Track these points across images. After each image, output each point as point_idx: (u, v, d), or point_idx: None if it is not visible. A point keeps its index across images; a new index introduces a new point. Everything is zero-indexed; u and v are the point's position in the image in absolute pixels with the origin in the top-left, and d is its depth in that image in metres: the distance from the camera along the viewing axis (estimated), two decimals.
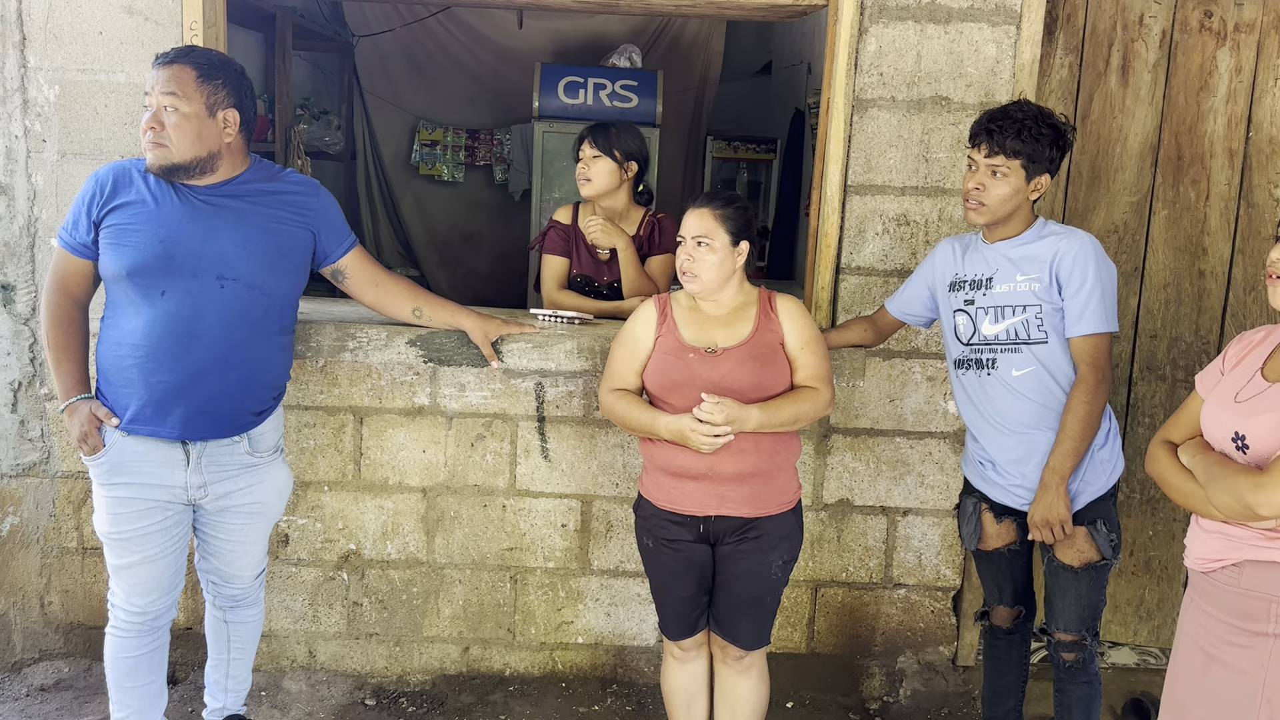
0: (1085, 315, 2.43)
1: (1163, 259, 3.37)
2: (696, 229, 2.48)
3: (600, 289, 3.34)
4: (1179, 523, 3.48)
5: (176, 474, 2.48)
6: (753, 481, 2.47)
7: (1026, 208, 2.51)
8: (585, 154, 3.20)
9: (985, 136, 2.46)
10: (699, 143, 6.61)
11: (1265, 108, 3.29)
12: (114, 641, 2.60)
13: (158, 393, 2.41)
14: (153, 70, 2.39)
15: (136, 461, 2.46)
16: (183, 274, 2.39)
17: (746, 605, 2.55)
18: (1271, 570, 1.85)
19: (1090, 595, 2.55)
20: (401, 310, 2.80)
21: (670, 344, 2.51)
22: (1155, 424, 3.45)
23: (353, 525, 3.22)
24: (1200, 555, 1.98)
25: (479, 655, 3.32)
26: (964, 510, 2.74)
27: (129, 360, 2.41)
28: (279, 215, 2.52)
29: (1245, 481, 1.81)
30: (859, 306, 3.18)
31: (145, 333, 2.39)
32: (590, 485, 3.22)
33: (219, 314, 2.43)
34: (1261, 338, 2.03)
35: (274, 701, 3.16)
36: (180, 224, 2.40)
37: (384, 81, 6.69)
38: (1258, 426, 1.86)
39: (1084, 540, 2.51)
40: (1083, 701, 2.62)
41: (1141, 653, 3.57)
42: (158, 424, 2.43)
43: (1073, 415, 2.44)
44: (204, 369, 2.43)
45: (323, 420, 3.15)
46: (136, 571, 2.52)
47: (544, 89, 5.56)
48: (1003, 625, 2.78)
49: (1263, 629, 1.86)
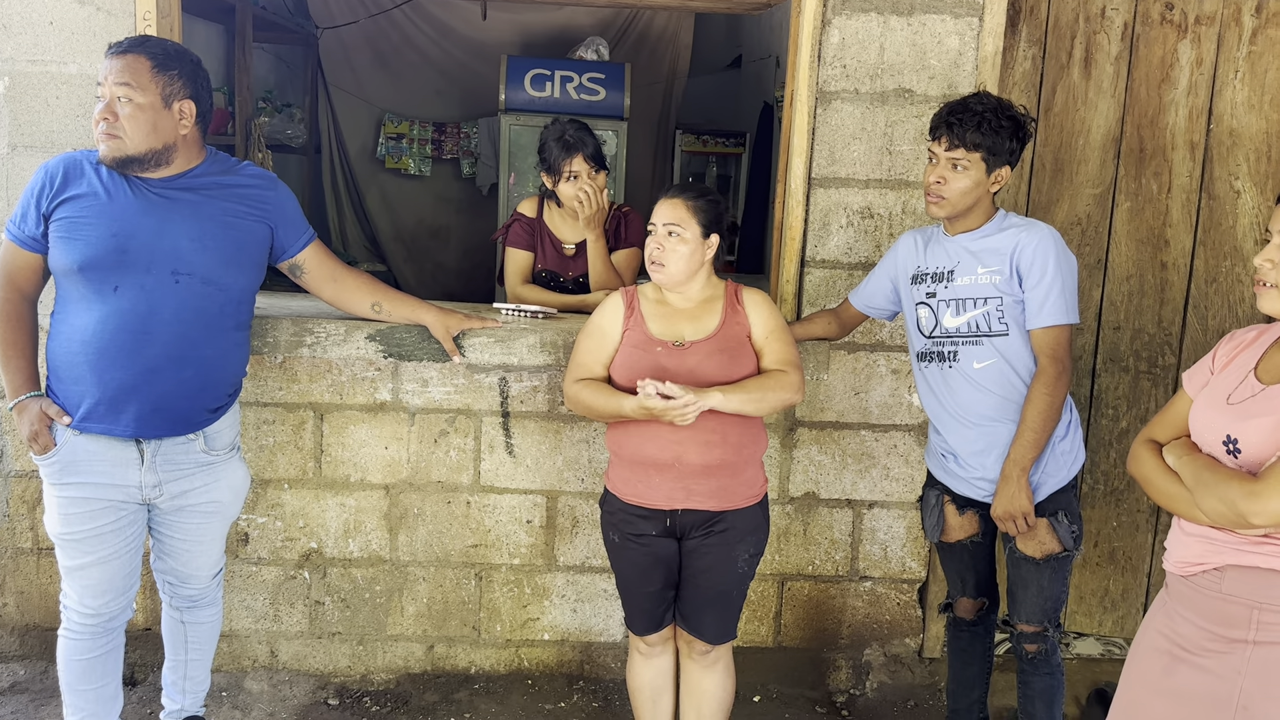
0: (1045, 307, 2.43)
1: (1125, 251, 3.39)
2: (668, 217, 2.46)
3: (566, 284, 3.32)
4: (1143, 514, 3.51)
5: (130, 473, 2.43)
6: (719, 475, 2.45)
7: (987, 200, 2.50)
8: (581, 169, 3.15)
9: (945, 129, 2.45)
10: (668, 137, 6.59)
11: (1226, 100, 3.31)
12: (66, 644, 2.54)
13: (111, 390, 2.36)
14: (106, 60, 2.34)
15: (88, 460, 2.41)
16: (136, 269, 2.35)
17: (712, 599, 2.54)
18: (1255, 575, 1.81)
19: (1052, 587, 2.56)
20: (360, 306, 2.76)
21: (637, 338, 2.49)
22: (1118, 415, 3.47)
23: (314, 523, 3.18)
24: (1181, 559, 1.93)
25: (444, 653, 3.29)
26: (927, 502, 2.74)
27: (81, 357, 2.36)
28: (235, 209, 2.47)
29: (1238, 488, 1.76)
30: (824, 300, 3.17)
31: (97, 329, 2.34)
32: (556, 481, 3.20)
33: (173, 310, 2.39)
34: (1254, 338, 1.98)
35: (235, 702, 3.12)
36: (133, 217, 2.35)
37: (348, 74, 6.63)
38: (1251, 430, 1.81)
39: (1045, 532, 2.52)
40: (1046, 693, 2.63)
41: (1106, 643, 3.59)
42: (110, 422, 2.38)
43: (1033, 407, 2.44)
44: (158, 366, 2.38)
45: (282, 417, 3.11)
46: (90, 573, 2.47)
47: (510, 82, 5.52)
48: (966, 617, 2.78)
49: (1242, 635, 1.82)
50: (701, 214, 2.46)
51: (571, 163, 3.14)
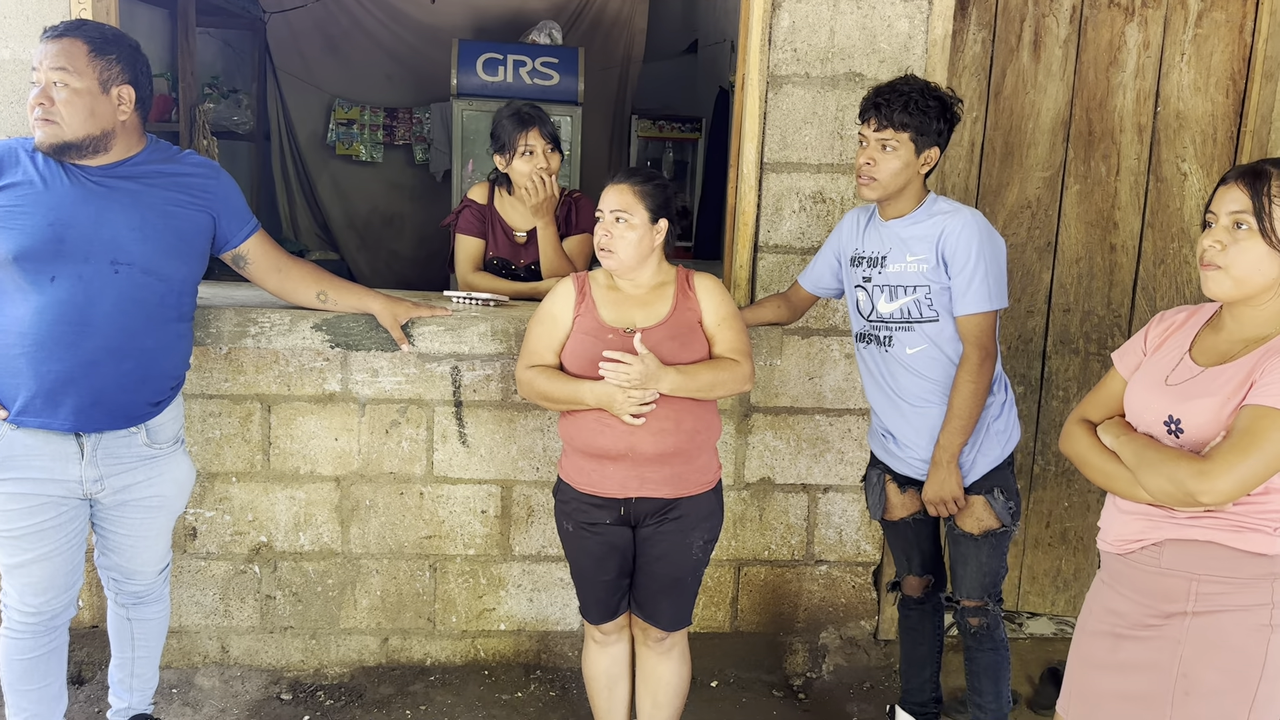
0: (968, 294, 2.45)
1: (1075, 234, 3.41)
2: (615, 204, 2.44)
3: (518, 272, 3.28)
4: (1093, 494, 3.55)
5: (71, 468, 2.37)
6: (673, 462, 2.44)
7: (917, 183, 2.52)
8: (537, 144, 3.10)
9: (873, 111, 2.47)
10: (624, 122, 6.55)
11: (1172, 83, 3.34)
12: (7, 643, 2.48)
13: (48, 383, 2.30)
14: (41, 44, 2.28)
15: (26, 455, 2.34)
16: (74, 259, 2.28)
17: (667, 587, 2.53)
18: (1193, 548, 1.85)
19: (991, 562, 2.60)
20: (306, 296, 2.71)
21: (589, 324, 2.47)
22: (1069, 397, 3.50)
23: (263, 517, 3.12)
24: (1119, 536, 1.96)
25: (399, 646, 3.25)
26: (869, 481, 2.77)
27: (17, 349, 2.29)
28: (177, 198, 2.42)
29: (1187, 468, 1.78)
30: (777, 284, 3.16)
31: (34, 320, 2.28)
32: (510, 470, 3.17)
33: (113, 301, 2.33)
34: (1184, 318, 2.01)
35: (186, 699, 3.07)
36: (71, 206, 2.29)
37: (297, 59, 6.51)
38: (1194, 411, 1.83)
39: (982, 509, 2.56)
40: (991, 669, 2.66)
41: (1059, 622, 3.64)
42: (48, 415, 2.32)
43: (959, 394, 2.48)
44: (97, 358, 2.33)
45: (228, 409, 3.05)
46: (30, 570, 2.41)
47: (462, 66, 5.45)
48: (914, 595, 2.81)
49: (1181, 608, 1.85)
50: (649, 199, 2.44)
51: (528, 136, 3.08)
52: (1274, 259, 1.80)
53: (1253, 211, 1.80)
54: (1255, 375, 1.79)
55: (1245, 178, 1.82)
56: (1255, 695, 1.82)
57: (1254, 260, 1.81)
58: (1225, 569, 1.83)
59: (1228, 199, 1.83)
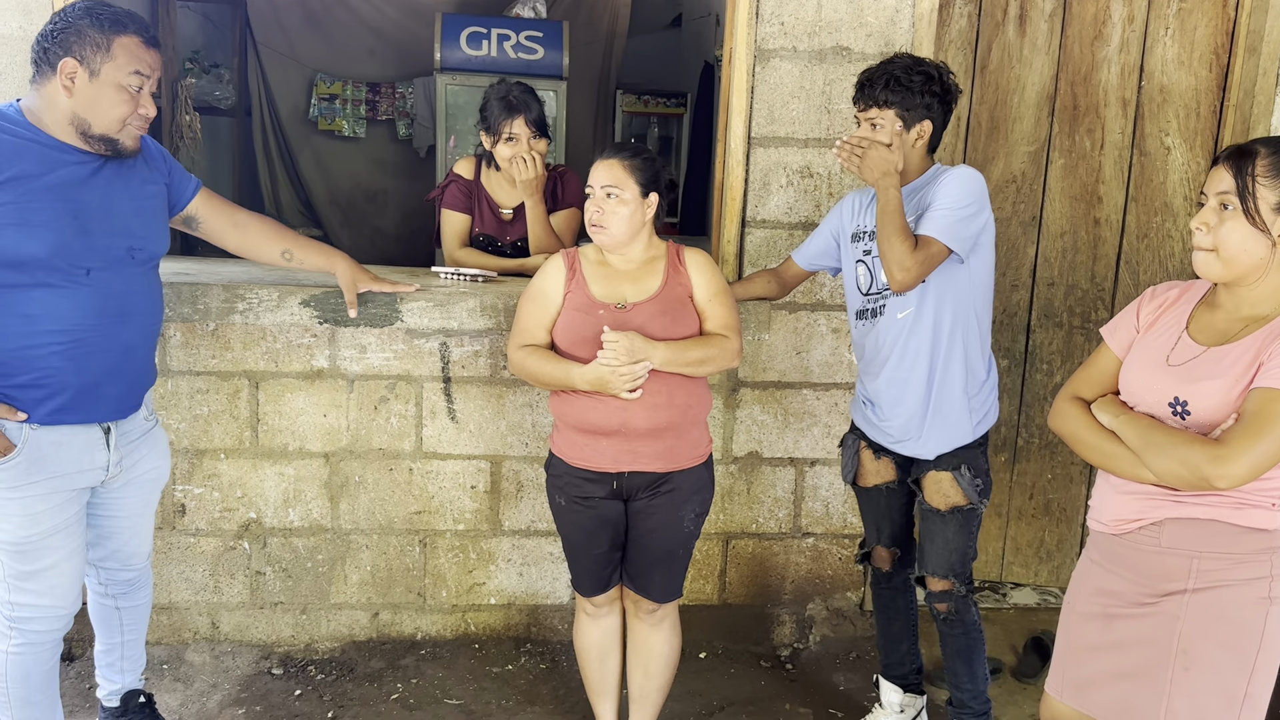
0: (927, 220, 2.40)
1: (1059, 208, 3.43)
2: (605, 179, 2.44)
3: (503, 249, 3.27)
4: (1076, 466, 3.59)
5: (98, 455, 2.30)
6: (665, 437, 2.45)
7: (915, 156, 2.52)
8: (521, 133, 3.08)
9: (859, 93, 2.51)
10: (608, 97, 6.52)
11: (1156, 57, 3.36)
12: (27, 658, 2.30)
13: (92, 377, 2.22)
14: (150, 50, 2.21)
15: (55, 451, 2.23)
16: (100, 250, 2.21)
17: (659, 559, 2.55)
18: (1194, 526, 1.85)
19: (957, 540, 2.60)
20: (270, 253, 2.63)
21: (579, 300, 2.47)
22: (1053, 370, 3.54)
23: (252, 493, 3.12)
24: (1116, 516, 1.95)
25: (389, 620, 3.27)
26: (845, 445, 2.79)
27: (48, 349, 2.18)
28: (145, 174, 2.34)
29: (1201, 452, 1.76)
30: (765, 260, 3.17)
31: (75, 315, 2.19)
32: (499, 445, 3.18)
33: (141, 286, 2.31)
34: (1177, 295, 2.00)
35: (176, 674, 3.08)
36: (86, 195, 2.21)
37: (279, 33, 6.45)
38: (1201, 393, 1.82)
39: (949, 484, 2.57)
40: (963, 651, 2.67)
41: (1042, 593, 3.69)
42: (88, 410, 2.24)
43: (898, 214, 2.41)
44: (134, 344, 2.29)
45: (216, 386, 3.04)
46: (60, 570, 2.28)
47: (446, 40, 5.41)
48: (883, 568, 2.82)
49: (1180, 586, 1.86)
50: (639, 173, 2.44)
51: (512, 124, 3.08)
52: (1259, 239, 1.80)
53: (1236, 191, 1.80)
54: (1263, 356, 1.79)
55: (1232, 159, 1.82)
56: (1254, 666, 1.84)
57: (1239, 240, 1.81)
58: (1226, 545, 1.84)
59: (1216, 180, 1.84)
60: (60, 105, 2.16)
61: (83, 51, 2.13)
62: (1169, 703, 1.87)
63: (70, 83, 2.14)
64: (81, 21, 2.13)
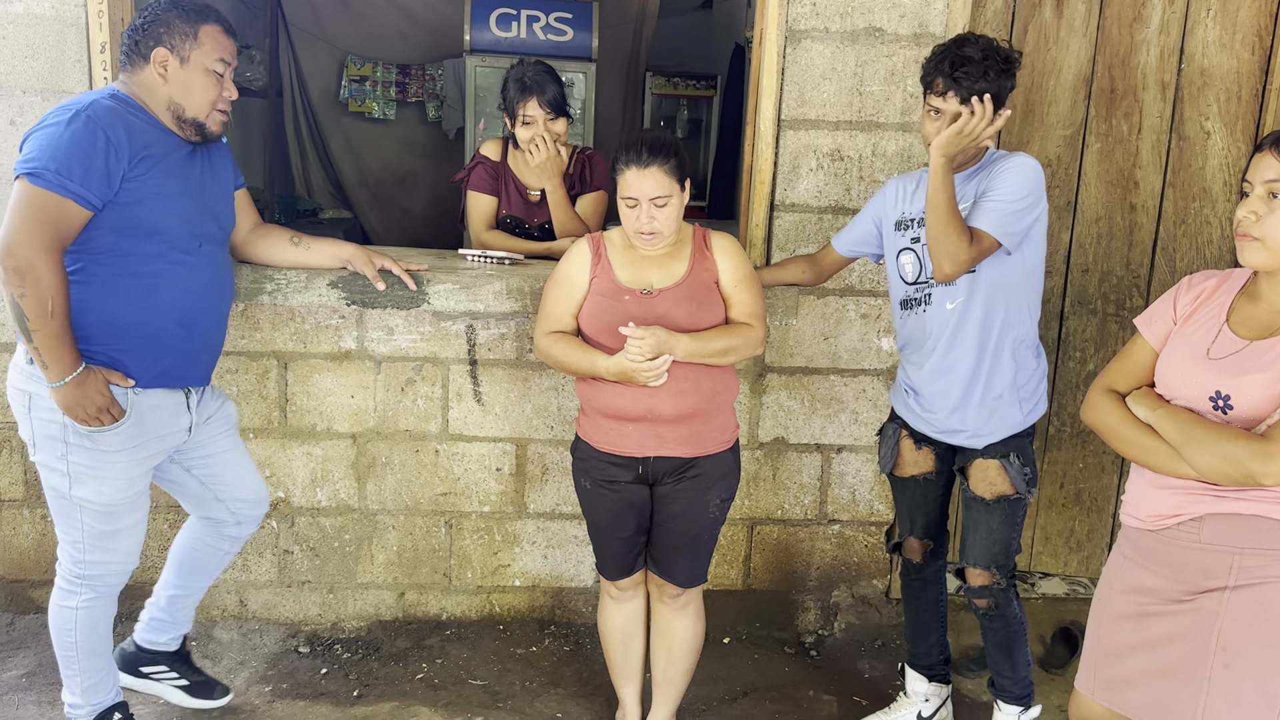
0: (979, 213, 2.35)
1: (1095, 193, 3.38)
2: (654, 190, 2.36)
3: (531, 231, 3.26)
4: (1108, 456, 3.54)
5: (183, 417, 2.46)
6: (691, 422, 2.44)
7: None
8: (537, 114, 3.07)
9: (952, 84, 2.32)
10: (638, 79, 6.49)
11: (1197, 39, 3.28)
12: (94, 611, 2.47)
13: (196, 345, 2.42)
14: (226, 37, 2.41)
15: (153, 415, 2.39)
16: (206, 226, 2.41)
17: (684, 544, 2.54)
18: (1235, 522, 1.81)
19: (1001, 530, 2.55)
20: (281, 247, 2.76)
21: (605, 285, 2.45)
22: (1086, 358, 3.49)
23: (280, 473, 3.15)
24: (1153, 512, 1.91)
25: (415, 600, 3.29)
26: (885, 434, 2.75)
27: (169, 317, 2.34)
28: (220, 159, 2.52)
29: (1247, 448, 1.72)
30: (793, 244, 3.14)
31: (192, 285, 2.38)
32: (525, 428, 3.18)
33: (227, 262, 2.52)
34: (1216, 285, 1.94)
35: (205, 651, 3.11)
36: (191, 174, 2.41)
37: (309, 15, 6.46)
38: (1245, 387, 1.78)
39: (996, 472, 2.53)
40: (1004, 644, 2.64)
41: (1071, 583, 3.65)
42: (183, 376, 2.42)
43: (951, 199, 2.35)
44: (224, 315, 2.53)
45: (245, 366, 3.06)
46: (137, 529, 2.46)
47: (475, 22, 5.40)
48: (914, 559, 2.79)
49: (1221, 583, 1.82)
50: (678, 171, 2.41)
51: (526, 106, 3.06)
52: None
53: None
54: None
55: (1279, 145, 1.78)
56: None
57: None
58: (1270, 541, 1.79)
59: (1262, 167, 1.78)
60: (159, 92, 2.33)
61: (172, 40, 2.31)
62: (1207, 700, 1.83)
63: (164, 70, 2.31)
64: (169, 14, 2.32)
